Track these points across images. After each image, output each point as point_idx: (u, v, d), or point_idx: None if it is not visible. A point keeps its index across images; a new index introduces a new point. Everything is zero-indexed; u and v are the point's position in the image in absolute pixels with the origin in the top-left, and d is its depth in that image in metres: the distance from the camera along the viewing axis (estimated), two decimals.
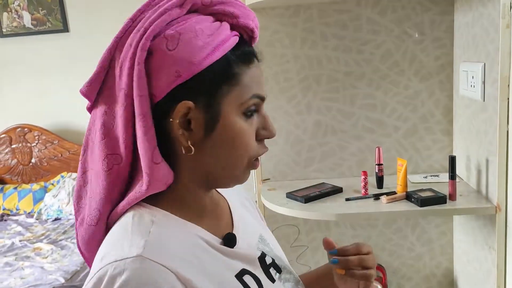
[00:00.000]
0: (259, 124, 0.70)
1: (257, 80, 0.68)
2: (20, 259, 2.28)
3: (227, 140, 0.66)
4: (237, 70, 0.65)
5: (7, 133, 3.11)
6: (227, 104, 0.65)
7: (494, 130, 1.44)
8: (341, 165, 1.91)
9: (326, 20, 1.80)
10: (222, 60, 0.64)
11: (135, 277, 0.56)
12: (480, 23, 1.52)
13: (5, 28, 3.04)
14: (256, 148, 0.70)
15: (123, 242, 0.61)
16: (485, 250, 1.59)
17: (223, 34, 0.65)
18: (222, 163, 0.68)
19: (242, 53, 0.67)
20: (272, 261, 0.77)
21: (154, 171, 0.64)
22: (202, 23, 0.64)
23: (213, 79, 0.64)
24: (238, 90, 0.65)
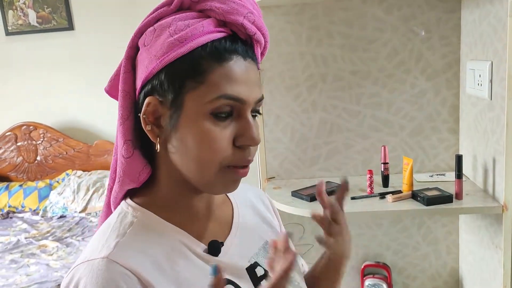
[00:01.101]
0: (239, 128, 0.63)
1: (233, 79, 0.62)
2: (25, 256, 2.29)
3: (191, 139, 0.62)
4: (205, 67, 0.61)
5: (13, 131, 3.13)
6: (192, 101, 0.62)
7: (501, 129, 1.43)
8: (347, 163, 1.91)
9: (331, 18, 1.80)
10: (189, 56, 0.62)
11: (97, 279, 0.58)
12: (487, 21, 1.51)
13: (11, 26, 3.05)
14: (230, 155, 0.63)
15: (99, 242, 0.64)
16: (491, 250, 1.58)
17: (197, 29, 0.62)
18: (189, 164, 0.64)
19: (215, 49, 0.62)
20: (264, 273, 0.74)
21: (124, 165, 0.68)
22: (181, 19, 0.64)
23: (177, 75, 0.62)
24: (204, 88, 0.61)
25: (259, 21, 0.66)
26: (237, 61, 0.63)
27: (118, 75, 0.69)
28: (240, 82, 0.62)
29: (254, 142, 0.63)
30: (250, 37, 0.66)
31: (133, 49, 0.67)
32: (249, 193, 0.87)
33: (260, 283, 0.71)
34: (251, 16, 0.65)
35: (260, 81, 0.67)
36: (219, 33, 0.63)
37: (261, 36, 0.67)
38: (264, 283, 0.62)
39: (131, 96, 0.66)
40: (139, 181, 0.69)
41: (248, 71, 0.64)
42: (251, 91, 0.64)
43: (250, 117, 0.64)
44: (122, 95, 0.66)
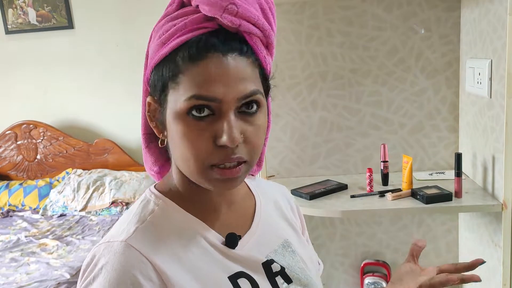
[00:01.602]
0: (218, 128, 0.61)
1: (207, 78, 0.60)
2: (25, 254, 2.29)
3: (175, 139, 0.64)
4: (182, 67, 0.62)
5: (13, 130, 3.13)
6: (172, 102, 0.63)
7: (501, 127, 1.43)
8: (347, 162, 1.91)
9: (331, 17, 1.80)
10: (169, 57, 0.63)
11: (114, 260, 0.61)
12: (487, 19, 1.51)
13: (10, 24, 3.05)
14: (211, 154, 0.62)
15: (121, 226, 0.67)
16: (491, 248, 1.59)
17: (179, 29, 0.62)
18: (178, 161, 0.67)
19: (190, 48, 0.61)
20: (281, 269, 0.74)
21: (143, 155, 0.76)
22: (173, 19, 0.65)
23: (161, 77, 0.64)
24: (180, 88, 0.62)
25: (245, 10, 0.62)
26: (213, 58, 0.61)
27: None
28: (215, 81, 0.60)
29: (228, 142, 0.60)
30: (237, 29, 0.63)
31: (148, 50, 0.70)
32: (275, 191, 0.87)
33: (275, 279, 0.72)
34: (232, 7, 0.61)
35: (251, 75, 0.63)
36: (202, 29, 0.62)
37: (250, 27, 0.63)
38: None
39: (147, 93, 0.70)
40: (154, 171, 0.75)
41: (227, 68, 0.61)
42: (230, 89, 0.61)
43: (232, 117, 0.61)
44: (143, 91, 0.71)
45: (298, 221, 0.88)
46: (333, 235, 1.97)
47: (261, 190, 0.82)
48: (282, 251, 0.77)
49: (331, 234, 1.97)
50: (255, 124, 0.64)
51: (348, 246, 1.98)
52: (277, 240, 0.78)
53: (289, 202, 0.89)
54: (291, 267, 0.76)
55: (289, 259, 0.76)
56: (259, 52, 0.65)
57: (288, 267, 0.75)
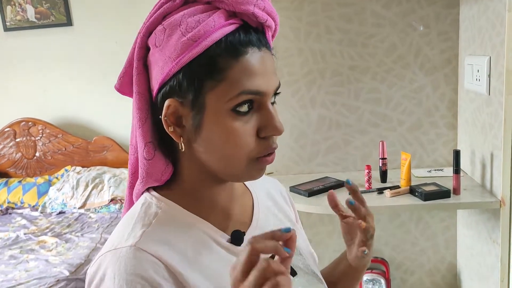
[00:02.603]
0: (262, 120, 0.63)
1: (251, 73, 0.61)
2: (24, 252, 2.29)
3: (216, 137, 0.62)
4: (222, 64, 0.60)
5: (11, 127, 3.12)
6: (213, 100, 0.61)
7: (499, 124, 1.43)
8: (345, 159, 1.91)
9: (330, 14, 1.79)
10: (204, 55, 0.60)
11: (126, 266, 0.59)
12: (485, 16, 1.51)
13: (9, 21, 3.04)
14: (255, 147, 0.63)
15: (125, 231, 0.64)
16: (489, 244, 1.59)
17: (209, 25, 0.60)
18: (216, 159, 0.65)
19: (230, 44, 0.61)
20: None
21: (146, 167, 0.67)
22: (190, 15, 0.62)
23: (195, 75, 0.61)
24: (223, 86, 0.60)
25: (269, 5, 0.64)
26: (252, 53, 0.62)
27: (127, 73, 0.68)
28: (258, 75, 0.62)
29: (278, 131, 0.63)
30: (261, 24, 0.64)
31: (143, 49, 0.66)
32: (268, 184, 0.88)
33: None
34: (260, 2, 0.63)
35: (275, 69, 0.66)
36: (230, 25, 0.62)
37: (272, 22, 0.66)
38: None
39: (146, 97, 0.66)
40: (162, 180, 0.69)
41: (264, 61, 0.63)
42: (269, 81, 0.63)
43: (271, 107, 0.64)
44: (138, 98, 0.66)
45: (292, 211, 0.90)
46: (332, 232, 1.97)
47: (255, 185, 0.83)
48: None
49: (329, 231, 1.97)
50: (277, 113, 0.66)
51: None
52: None
53: (281, 193, 0.90)
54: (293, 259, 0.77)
55: None
56: (271, 45, 0.68)
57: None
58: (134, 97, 0.66)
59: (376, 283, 1.89)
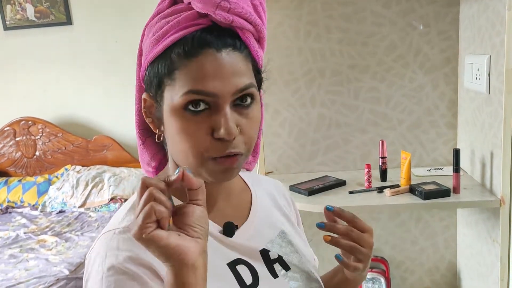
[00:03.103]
0: (215, 122, 0.63)
1: (203, 73, 0.62)
2: (24, 251, 2.29)
3: (172, 132, 0.66)
4: (177, 64, 0.63)
5: (11, 126, 3.12)
6: (168, 97, 0.64)
7: (499, 123, 1.43)
8: (345, 158, 1.91)
9: (330, 13, 1.79)
10: (164, 54, 0.64)
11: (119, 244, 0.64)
12: (485, 15, 1.51)
13: (9, 20, 3.04)
14: (209, 147, 0.63)
15: (120, 216, 0.69)
16: (488, 244, 1.59)
17: (173, 26, 0.64)
18: (176, 155, 0.68)
19: (184, 45, 0.63)
20: (278, 257, 0.76)
21: (139, 151, 0.77)
22: (165, 17, 0.66)
23: (157, 73, 0.65)
24: (176, 84, 0.63)
25: (237, 6, 0.64)
26: (207, 54, 0.62)
27: None
28: (210, 76, 0.62)
29: (226, 135, 0.62)
30: (229, 25, 0.64)
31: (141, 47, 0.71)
32: (270, 185, 0.89)
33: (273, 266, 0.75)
34: (225, 4, 0.63)
35: (244, 70, 0.65)
36: (195, 26, 0.64)
37: (242, 22, 0.65)
38: None
39: (141, 90, 0.72)
40: (153, 166, 0.76)
41: (222, 63, 0.62)
42: (225, 83, 0.62)
43: (228, 110, 0.63)
44: (136, 89, 0.73)
45: (294, 214, 0.91)
46: None
47: (257, 184, 0.84)
48: (279, 241, 0.79)
49: None
50: (249, 117, 0.65)
51: None
52: (274, 230, 0.80)
53: (284, 195, 0.91)
54: (288, 256, 0.78)
55: (285, 249, 0.79)
56: (251, 47, 0.67)
57: (285, 256, 0.78)
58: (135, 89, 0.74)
59: (376, 282, 1.90)
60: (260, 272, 0.72)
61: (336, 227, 0.76)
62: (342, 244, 0.75)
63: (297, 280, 0.77)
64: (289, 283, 0.76)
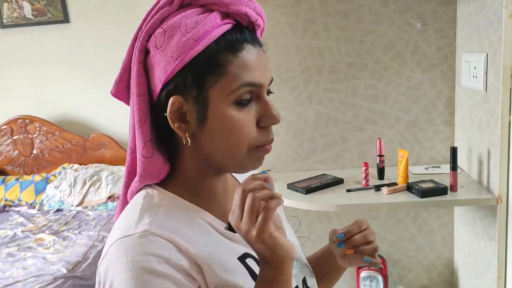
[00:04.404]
0: (260, 110, 0.69)
1: (249, 67, 0.66)
2: (22, 249, 2.29)
3: (220, 129, 0.67)
4: (223, 60, 0.65)
5: (8, 125, 3.11)
6: (216, 94, 0.66)
7: (496, 121, 1.43)
8: (343, 156, 1.91)
9: (328, 11, 1.79)
10: (205, 52, 0.65)
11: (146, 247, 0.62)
12: (483, 13, 1.51)
13: (6, 19, 3.03)
14: (256, 136, 0.69)
15: (131, 220, 0.67)
16: (486, 241, 1.59)
17: (207, 25, 0.65)
18: (220, 150, 0.69)
19: (228, 41, 0.66)
20: None
21: (144, 165, 0.71)
22: (188, 17, 0.67)
23: (198, 72, 0.66)
24: (224, 80, 0.65)
25: (258, 6, 0.70)
26: (248, 49, 0.67)
27: (123, 78, 0.72)
28: (255, 68, 0.67)
29: (276, 120, 0.69)
30: (252, 23, 0.70)
31: (143, 52, 0.69)
32: None
33: None
34: (251, 3, 0.69)
35: (268, 63, 0.71)
36: (226, 25, 0.67)
37: (261, 21, 0.71)
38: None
39: (146, 99, 0.69)
40: (160, 178, 0.73)
41: (259, 56, 0.68)
42: (265, 74, 0.69)
43: (268, 98, 0.69)
44: (138, 99, 0.69)
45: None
46: (329, 229, 1.96)
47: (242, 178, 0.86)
48: None
49: (327, 228, 1.97)
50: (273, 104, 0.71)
51: None
52: None
53: None
54: None
55: None
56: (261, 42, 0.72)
57: None
58: (134, 99, 0.69)
59: (374, 280, 1.90)
60: None
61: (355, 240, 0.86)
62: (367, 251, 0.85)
63: (294, 267, 0.80)
64: None
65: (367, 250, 0.84)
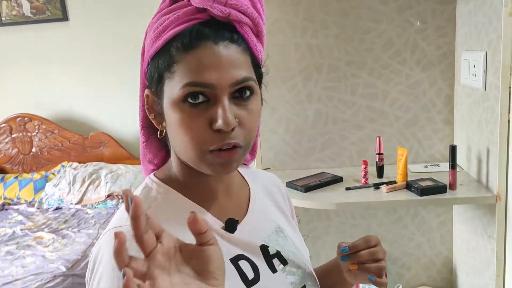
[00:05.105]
0: (213, 113, 0.64)
1: (201, 66, 0.63)
2: (21, 247, 2.29)
3: (172, 127, 0.67)
4: (176, 57, 0.65)
5: (7, 123, 3.11)
6: (168, 91, 0.66)
7: (496, 119, 1.43)
8: (342, 154, 1.91)
9: (327, 9, 1.79)
10: (163, 49, 0.66)
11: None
12: (482, 11, 1.51)
13: (4, 17, 3.03)
14: (208, 139, 0.64)
15: (125, 213, 0.68)
16: (484, 240, 1.60)
17: (172, 21, 0.66)
18: (177, 148, 0.70)
19: (183, 38, 0.65)
20: (277, 252, 0.78)
21: (142, 149, 0.76)
22: (165, 14, 0.68)
23: (157, 68, 0.67)
24: (175, 77, 0.65)
25: (235, 1, 0.65)
26: (205, 47, 0.64)
27: None
28: (208, 68, 0.63)
29: (224, 126, 0.62)
30: (227, 19, 0.66)
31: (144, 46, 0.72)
32: (266, 179, 0.91)
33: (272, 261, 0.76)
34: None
35: (242, 62, 0.66)
36: (193, 20, 0.65)
37: (239, 15, 0.66)
38: None
39: (144, 87, 0.73)
40: (155, 164, 0.76)
41: (219, 56, 0.63)
42: (223, 75, 0.63)
43: (226, 102, 0.63)
44: (140, 87, 0.73)
45: (288, 207, 0.92)
46: (328, 227, 1.97)
47: (254, 178, 0.85)
48: (275, 237, 0.80)
49: (326, 227, 1.97)
50: (248, 109, 0.66)
51: (343, 238, 1.98)
52: (270, 226, 0.81)
53: (279, 188, 0.92)
54: (284, 251, 0.79)
55: (282, 244, 0.80)
56: (249, 40, 0.68)
57: (282, 251, 0.79)
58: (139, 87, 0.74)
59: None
60: (260, 267, 0.74)
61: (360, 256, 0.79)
62: (372, 269, 0.79)
63: (293, 274, 0.79)
64: (287, 277, 0.77)
65: (372, 268, 0.79)
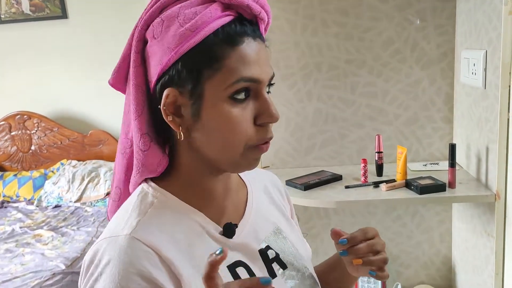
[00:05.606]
0: (258, 107, 0.65)
1: (247, 61, 0.63)
2: (20, 245, 2.29)
3: (215, 124, 0.64)
4: (220, 53, 0.62)
5: (6, 120, 3.10)
6: (211, 88, 0.63)
7: (495, 117, 1.43)
8: (341, 153, 1.91)
9: (327, 7, 1.79)
10: (202, 44, 0.62)
11: (120, 254, 0.61)
12: (482, 10, 1.51)
13: (3, 14, 3.02)
14: (253, 134, 0.65)
15: (122, 219, 0.66)
16: (484, 238, 1.60)
17: (206, 16, 0.62)
18: (214, 147, 0.66)
19: (227, 34, 0.63)
20: (276, 255, 0.76)
21: (142, 158, 0.68)
22: (187, 7, 0.64)
23: (194, 65, 0.63)
24: (221, 74, 0.62)
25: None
26: (248, 43, 0.64)
27: (121, 68, 0.70)
28: (254, 63, 0.64)
29: (274, 118, 0.65)
30: (255, 16, 0.66)
31: (141, 42, 0.67)
32: (265, 179, 0.89)
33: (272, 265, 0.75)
34: None
35: (269, 59, 0.68)
36: (227, 16, 0.63)
37: (265, 14, 0.67)
38: None
39: (143, 89, 0.67)
40: (158, 172, 0.70)
41: (259, 51, 0.65)
42: (264, 70, 0.65)
43: (267, 95, 0.66)
44: (135, 89, 0.67)
45: (287, 206, 0.90)
46: (328, 225, 1.97)
47: (252, 178, 0.83)
48: (274, 238, 0.78)
49: (325, 225, 1.97)
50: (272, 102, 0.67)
51: None
52: (269, 227, 0.79)
53: (278, 188, 0.90)
54: (283, 253, 0.78)
55: (281, 245, 0.78)
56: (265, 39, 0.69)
57: (281, 253, 0.77)
58: (131, 89, 0.67)
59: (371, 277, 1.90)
60: (259, 274, 0.72)
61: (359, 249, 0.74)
62: (375, 262, 0.74)
63: (293, 278, 0.77)
64: (286, 282, 0.76)
65: (375, 261, 0.74)
